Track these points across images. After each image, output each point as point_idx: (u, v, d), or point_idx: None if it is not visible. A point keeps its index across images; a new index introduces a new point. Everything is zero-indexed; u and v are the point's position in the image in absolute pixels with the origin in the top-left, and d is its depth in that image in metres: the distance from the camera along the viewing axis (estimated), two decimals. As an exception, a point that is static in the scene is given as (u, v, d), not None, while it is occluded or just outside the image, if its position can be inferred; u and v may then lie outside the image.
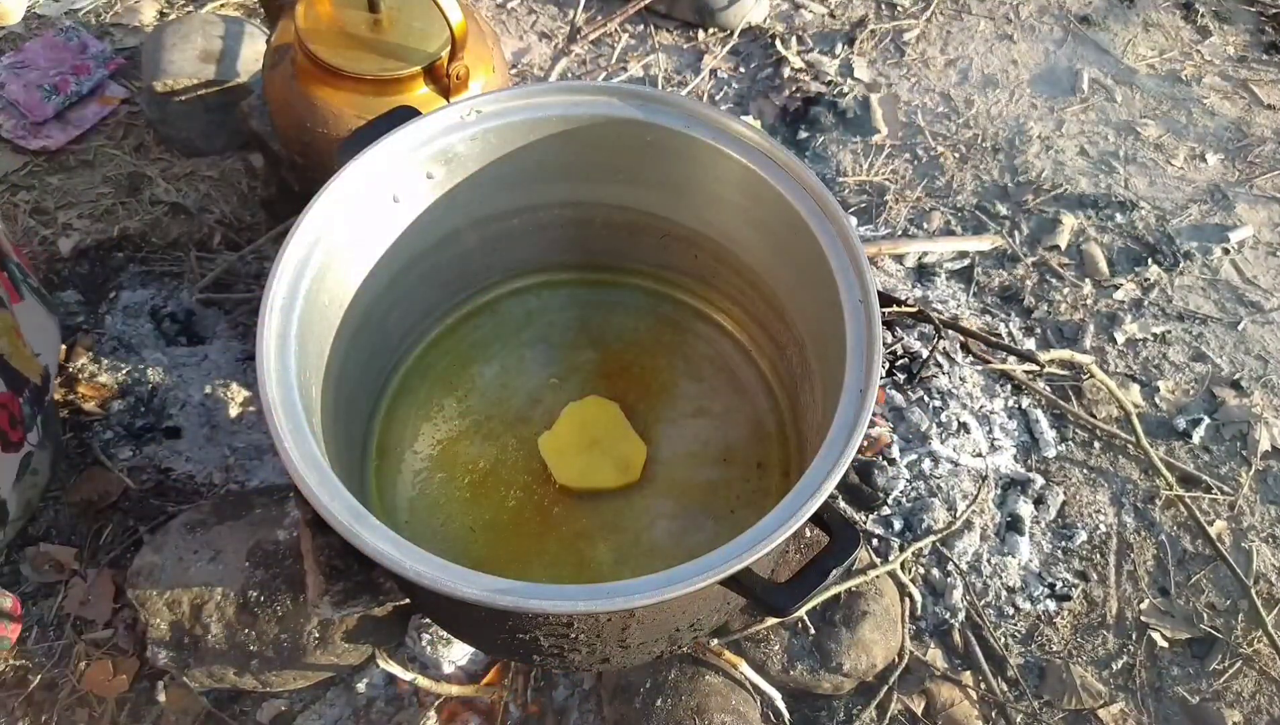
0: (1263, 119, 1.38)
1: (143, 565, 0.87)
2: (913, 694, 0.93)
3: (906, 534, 0.99)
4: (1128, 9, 1.51)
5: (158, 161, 1.24)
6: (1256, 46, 1.47)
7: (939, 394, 1.07)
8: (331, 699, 0.90)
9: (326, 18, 0.95)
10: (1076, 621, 0.98)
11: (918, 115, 1.37)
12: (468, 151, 0.78)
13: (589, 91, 0.78)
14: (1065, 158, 1.33)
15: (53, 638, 0.93)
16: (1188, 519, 1.04)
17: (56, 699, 0.91)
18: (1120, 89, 1.41)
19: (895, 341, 1.10)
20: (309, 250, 0.69)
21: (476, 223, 0.85)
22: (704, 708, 0.83)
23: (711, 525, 0.82)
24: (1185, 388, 1.14)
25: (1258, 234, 1.27)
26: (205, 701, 0.90)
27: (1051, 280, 1.22)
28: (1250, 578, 1.00)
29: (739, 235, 0.84)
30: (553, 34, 1.45)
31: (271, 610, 0.84)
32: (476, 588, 0.55)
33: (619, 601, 0.55)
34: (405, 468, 0.86)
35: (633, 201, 0.87)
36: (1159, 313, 1.20)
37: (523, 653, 0.70)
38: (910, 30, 1.46)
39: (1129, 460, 1.08)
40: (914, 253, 1.22)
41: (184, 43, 1.21)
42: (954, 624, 0.97)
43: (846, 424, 0.61)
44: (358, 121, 0.81)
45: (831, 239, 0.70)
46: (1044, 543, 1.02)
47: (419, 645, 0.88)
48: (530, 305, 0.95)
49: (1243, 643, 0.97)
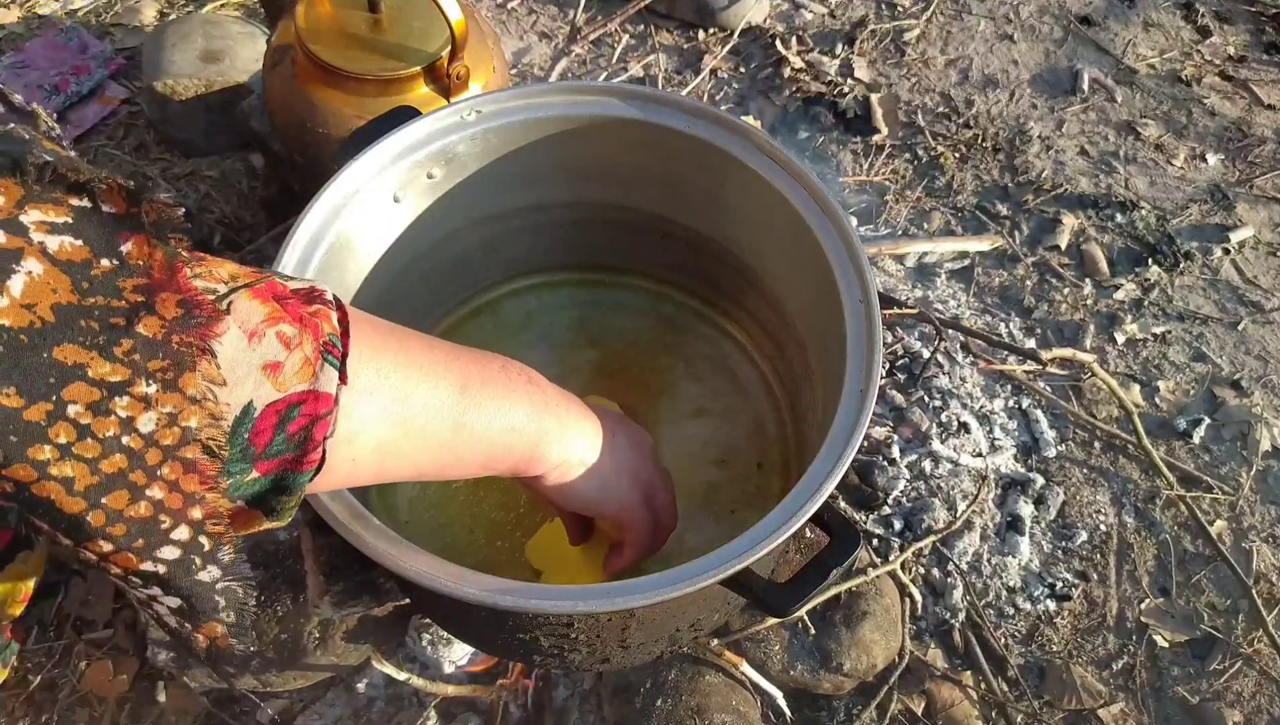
0: (1263, 119, 1.38)
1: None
2: (913, 694, 0.93)
3: (906, 534, 0.99)
4: (1128, 9, 1.51)
5: (158, 161, 1.24)
6: (1256, 46, 1.47)
7: (939, 394, 1.07)
8: (331, 699, 0.90)
9: (326, 18, 0.95)
10: (1077, 621, 0.98)
11: (918, 115, 1.37)
12: (468, 151, 0.78)
13: (589, 91, 0.77)
14: (1065, 158, 1.33)
15: (53, 638, 0.93)
16: (1188, 519, 1.04)
17: (56, 699, 0.91)
18: (1120, 89, 1.41)
19: (896, 341, 1.10)
20: (309, 250, 0.69)
21: (476, 223, 0.85)
22: (704, 708, 0.83)
23: (711, 525, 0.82)
24: (1185, 388, 1.14)
25: (1258, 234, 1.27)
26: (205, 701, 0.90)
27: (1051, 280, 1.22)
28: (1251, 578, 1.00)
29: (739, 235, 0.84)
30: (553, 34, 1.45)
31: (272, 610, 0.84)
32: (476, 588, 0.54)
33: (619, 601, 0.55)
34: (405, 468, 0.86)
35: (633, 201, 0.87)
36: (1159, 313, 1.20)
37: (523, 653, 0.70)
38: (910, 30, 1.46)
39: (1129, 460, 1.08)
40: (914, 253, 1.22)
41: (184, 43, 1.21)
42: (954, 624, 0.97)
43: (847, 424, 0.61)
44: (358, 121, 0.81)
45: (831, 239, 0.70)
46: (1044, 543, 1.02)
47: (419, 645, 0.88)
48: (530, 305, 0.95)
49: (1243, 643, 0.97)
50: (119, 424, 0.36)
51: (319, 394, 0.41)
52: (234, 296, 0.39)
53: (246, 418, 0.39)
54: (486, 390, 0.52)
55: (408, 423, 0.48)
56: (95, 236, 0.36)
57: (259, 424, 0.40)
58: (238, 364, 0.38)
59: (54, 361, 0.34)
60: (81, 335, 0.34)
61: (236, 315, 0.39)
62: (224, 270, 0.40)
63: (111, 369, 0.35)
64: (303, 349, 0.40)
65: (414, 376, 0.48)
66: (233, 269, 0.41)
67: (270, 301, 0.40)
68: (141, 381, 0.36)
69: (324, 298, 0.43)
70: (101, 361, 0.35)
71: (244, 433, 0.39)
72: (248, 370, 0.39)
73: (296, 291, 0.42)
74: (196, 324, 0.37)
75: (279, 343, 0.40)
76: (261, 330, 0.39)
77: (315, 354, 0.41)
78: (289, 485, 0.42)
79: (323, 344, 0.41)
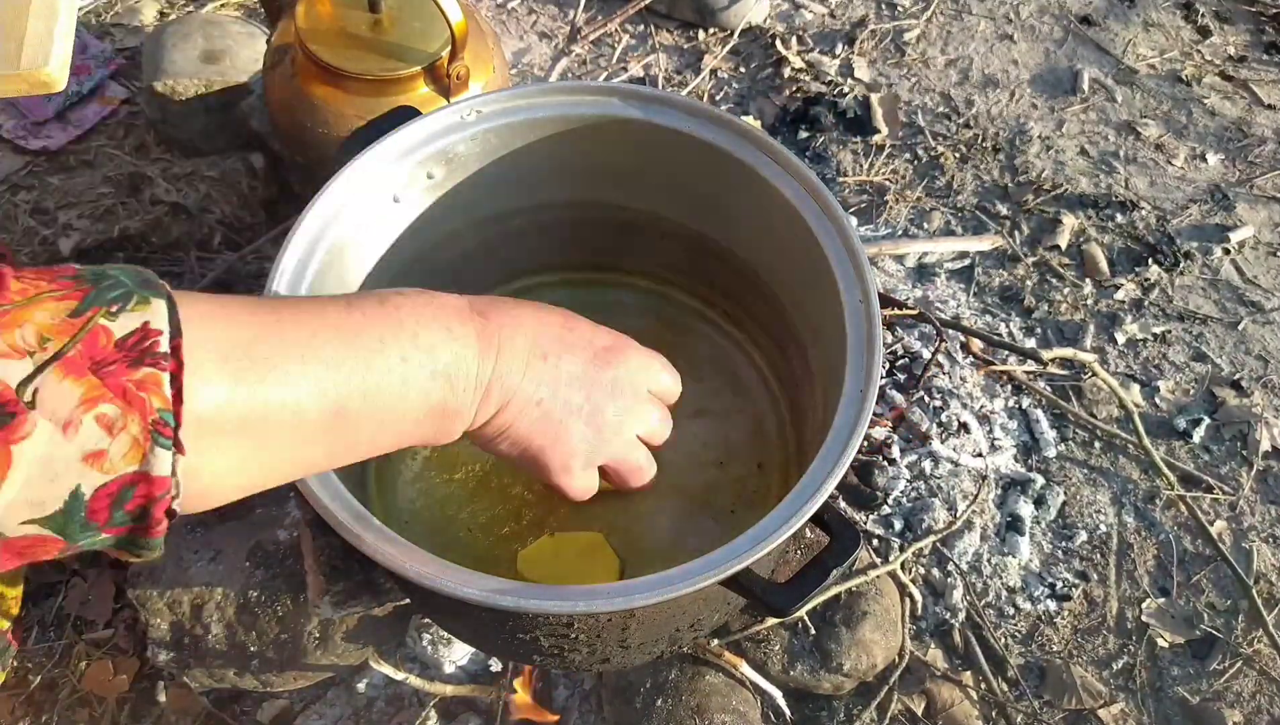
0: (1263, 119, 1.38)
1: (143, 565, 0.87)
2: (913, 694, 0.93)
3: (906, 534, 0.99)
4: (1128, 9, 1.51)
5: (158, 161, 1.24)
6: (1256, 46, 1.47)
7: (939, 394, 1.07)
8: (332, 699, 0.90)
9: (327, 18, 0.95)
10: (1077, 621, 0.98)
11: (918, 115, 1.37)
12: (468, 151, 0.78)
13: (589, 91, 0.77)
14: (1065, 158, 1.33)
15: (53, 638, 0.93)
16: (1188, 519, 1.04)
17: (56, 699, 0.91)
18: (1120, 89, 1.41)
19: (896, 341, 1.10)
20: (309, 251, 0.69)
21: (476, 223, 0.85)
22: (704, 708, 0.83)
23: (711, 525, 0.82)
24: (1185, 388, 1.14)
25: (1258, 234, 1.27)
26: (205, 701, 0.90)
27: (1052, 280, 1.22)
28: (1251, 578, 1.00)
29: (739, 235, 0.84)
30: (553, 34, 1.45)
31: (272, 610, 0.84)
32: (476, 588, 0.54)
33: (619, 601, 0.55)
34: (405, 468, 0.86)
35: (633, 201, 0.87)
36: (1159, 313, 1.20)
37: (523, 653, 0.70)
38: (910, 30, 1.46)
39: (1129, 460, 1.08)
40: (914, 253, 1.22)
41: (184, 43, 1.21)
42: (954, 624, 0.97)
43: (847, 424, 0.61)
44: (358, 121, 0.81)
45: (831, 239, 0.70)
46: (1044, 543, 1.02)
47: (420, 645, 0.88)
48: (530, 305, 0.95)
49: (1243, 643, 0.97)
50: None
51: (152, 477, 0.38)
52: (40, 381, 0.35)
53: (77, 502, 0.37)
54: (370, 405, 0.47)
55: (271, 464, 0.45)
56: None
57: (92, 505, 0.37)
58: (54, 459, 0.36)
59: None
60: None
61: (44, 407, 0.35)
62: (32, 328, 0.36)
63: None
64: (128, 431, 0.37)
65: (272, 417, 0.43)
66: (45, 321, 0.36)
67: (85, 376, 0.36)
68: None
69: (155, 351, 0.38)
70: None
71: (80, 513, 0.37)
72: (66, 464, 0.36)
73: (123, 343, 0.38)
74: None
75: (99, 428, 0.36)
76: (77, 418, 0.36)
77: (144, 435, 0.37)
78: (143, 545, 0.41)
79: (151, 423, 0.38)
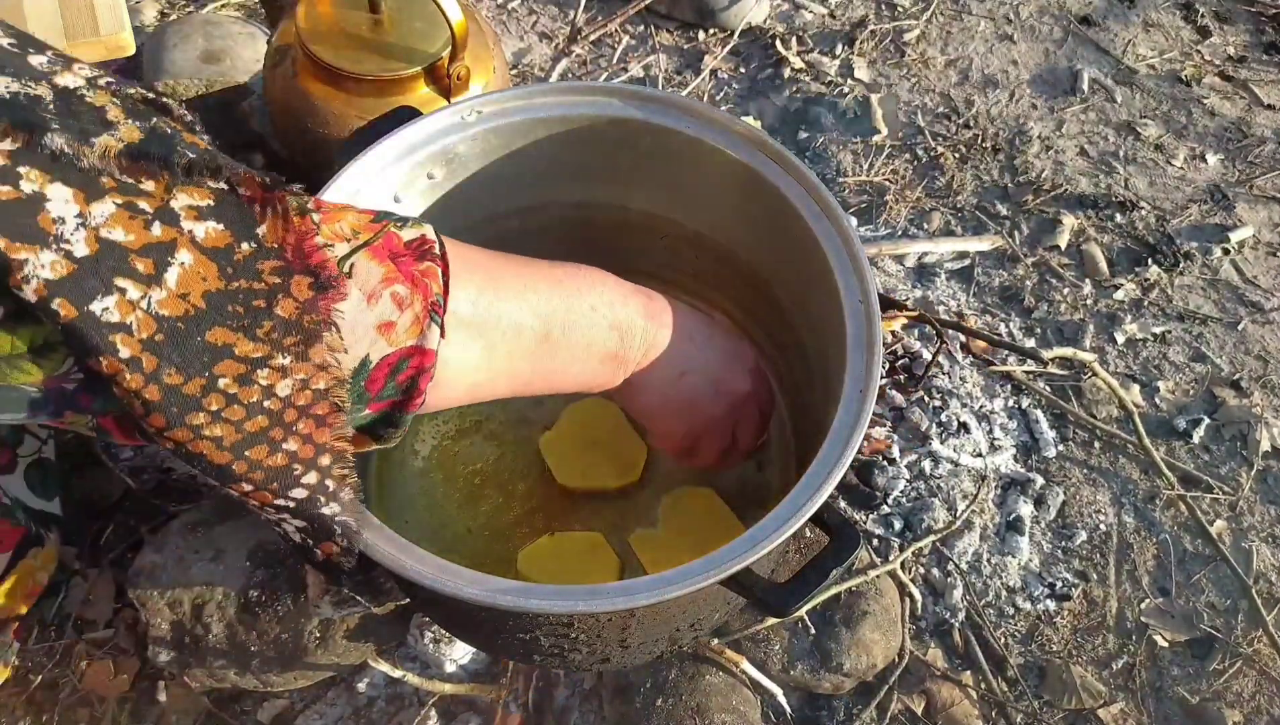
0: (1263, 119, 1.38)
1: (143, 565, 0.87)
2: (913, 694, 0.93)
3: (906, 534, 0.99)
4: (1127, 9, 1.51)
5: (158, 162, 1.24)
6: (1256, 46, 1.48)
7: (939, 394, 1.07)
8: (332, 699, 0.90)
9: (327, 18, 0.95)
10: (1076, 621, 0.98)
11: (918, 115, 1.37)
12: (468, 151, 0.78)
13: (589, 91, 0.78)
14: (1065, 158, 1.33)
15: (53, 638, 0.93)
16: (1188, 519, 1.04)
17: (57, 699, 0.91)
18: (1120, 89, 1.41)
19: (896, 341, 1.10)
20: (309, 250, 0.69)
21: (476, 223, 0.85)
22: (705, 707, 0.83)
23: (712, 525, 0.82)
24: (1185, 388, 1.14)
25: (1258, 234, 1.27)
26: (206, 701, 0.90)
27: (1051, 280, 1.22)
28: (1250, 577, 1.00)
29: (739, 235, 0.84)
30: (553, 34, 1.45)
31: (272, 610, 0.84)
32: (477, 588, 0.55)
33: (619, 601, 0.55)
34: (406, 468, 0.87)
35: (633, 201, 0.87)
36: (1159, 313, 1.20)
37: (523, 653, 0.71)
38: (910, 30, 1.46)
39: (1129, 460, 1.08)
40: (914, 253, 1.22)
41: (184, 43, 1.21)
42: (954, 624, 0.97)
43: (846, 424, 0.61)
44: (358, 122, 0.81)
45: (831, 239, 0.70)
46: (1044, 543, 1.02)
47: (421, 644, 0.88)
48: (530, 305, 0.95)
49: (1243, 643, 0.97)
50: (260, 391, 0.42)
51: (424, 350, 0.47)
52: (355, 258, 0.45)
53: (363, 369, 0.46)
54: (567, 337, 0.57)
55: (495, 367, 0.54)
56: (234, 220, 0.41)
57: (373, 374, 0.46)
58: (357, 325, 0.44)
59: (206, 343, 0.40)
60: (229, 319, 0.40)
61: (357, 278, 0.44)
62: (346, 224, 0.46)
63: (254, 347, 0.41)
64: (413, 308, 0.46)
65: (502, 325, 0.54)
66: (354, 221, 0.46)
67: (386, 261, 0.46)
68: (279, 355, 0.42)
69: (432, 252, 0.48)
70: (246, 341, 0.41)
71: (360, 381, 0.46)
72: (364, 330, 0.45)
73: (410, 245, 0.47)
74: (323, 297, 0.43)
75: (393, 303, 0.45)
76: (379, 291, 0.45)
77: (424, 313, 0.46)
78: (396, 420, 0.49)
79: (430, 304, 0.47)
